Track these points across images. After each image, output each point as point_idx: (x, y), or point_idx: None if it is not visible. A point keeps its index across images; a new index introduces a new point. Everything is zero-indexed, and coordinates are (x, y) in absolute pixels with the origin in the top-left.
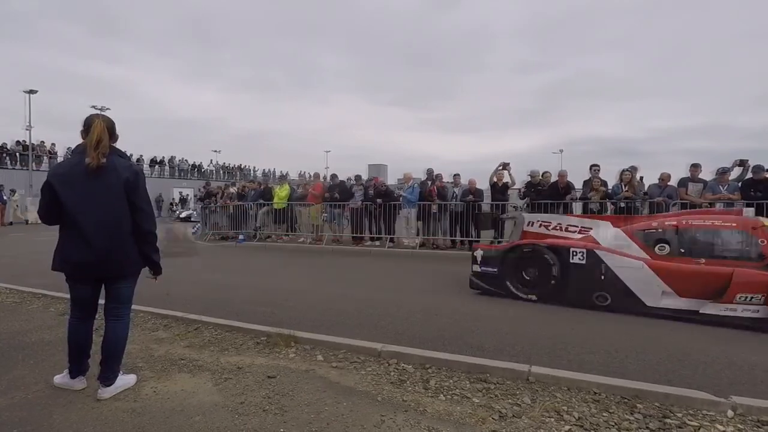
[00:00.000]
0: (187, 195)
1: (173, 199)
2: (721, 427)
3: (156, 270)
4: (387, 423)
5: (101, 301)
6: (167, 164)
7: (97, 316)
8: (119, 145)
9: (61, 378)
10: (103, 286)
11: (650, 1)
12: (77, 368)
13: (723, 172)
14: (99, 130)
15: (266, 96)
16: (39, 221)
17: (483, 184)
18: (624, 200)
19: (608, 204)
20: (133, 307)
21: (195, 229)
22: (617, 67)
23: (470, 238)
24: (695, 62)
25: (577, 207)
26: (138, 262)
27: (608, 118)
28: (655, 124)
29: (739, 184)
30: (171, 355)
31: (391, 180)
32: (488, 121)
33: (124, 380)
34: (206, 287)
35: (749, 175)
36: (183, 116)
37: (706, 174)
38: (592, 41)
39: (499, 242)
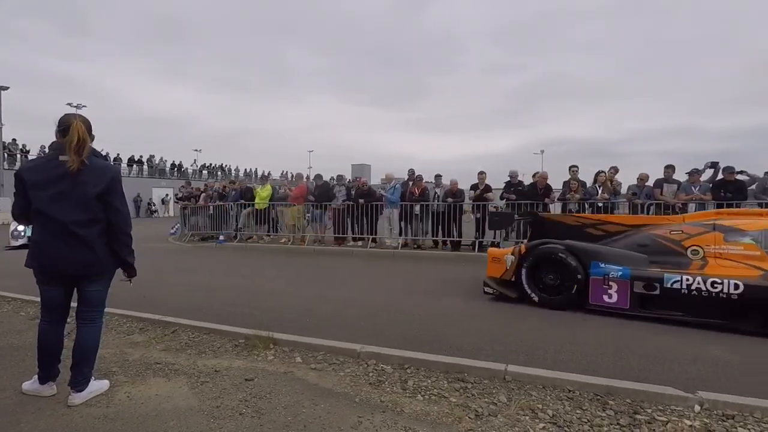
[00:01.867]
0: (167, 195)
1: (151, 199)
2: (688, 422)
3: (130, 272)
4: (364, 424)
5: (73, 305)
6: (146, 164)
7: (69, 320)
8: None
9: (29, 384)
10: (75, 289)
11: (619, 3)
12: (47, 374)
13: (694, 173)
14: (80, 131)
15: (243, 95)
16: (10, 221)
17: (464, 185)
18: (601, 201)
19: (586, 205)
20: (108, 310)
21: (174, 229)
22: (590, 68)
23: (452, 238)
24: (667, 64)
25: (556, 208)
26: (112, 263)
27: (584, 119)
28: (630, 126)
29: (710, 185)
30: (146, 359)
31: (375, 180)
32: (466, 122)
33: (97, 386)
34: (184, 289)
35: (720, 176)
36: (159, 115)
37: (681, 175)
38: (562, 43)
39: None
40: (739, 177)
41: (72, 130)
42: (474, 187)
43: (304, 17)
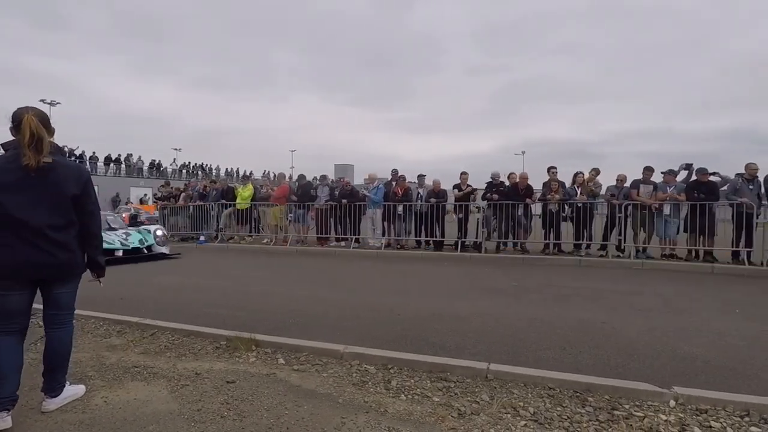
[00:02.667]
0: (145, 195)
1: (128, 199)
2: (663, 417)
3: (100, 272)
4: (348, 425)
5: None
6: (123, 162)
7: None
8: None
9: None
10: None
11: (594, 7)
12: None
13: (670, 174)
14: (33, 126)
15: (223, 93)
16: None
17: (447, 185)
18: (580, 202)
19: (565, 205)
20: (84, 312)
21: None
22: (568, 71)
23: (435, 239)
24: (642, 68)
25: (536, 208)
26: (81, 264)
27: (564, 120)
28: (608, 127)
29: (685, 185)
30: (124, 362)
31: (358, 180)
32: (448, 122)
33: (72, 391)
34: (164, 290)
35: (694, 177)
36: (137, 113)
37: (659, 176)
38: (541, 46)
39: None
40: (712, 178)
41: (23, 125)
42: (457, 187)
43: (286, 16)
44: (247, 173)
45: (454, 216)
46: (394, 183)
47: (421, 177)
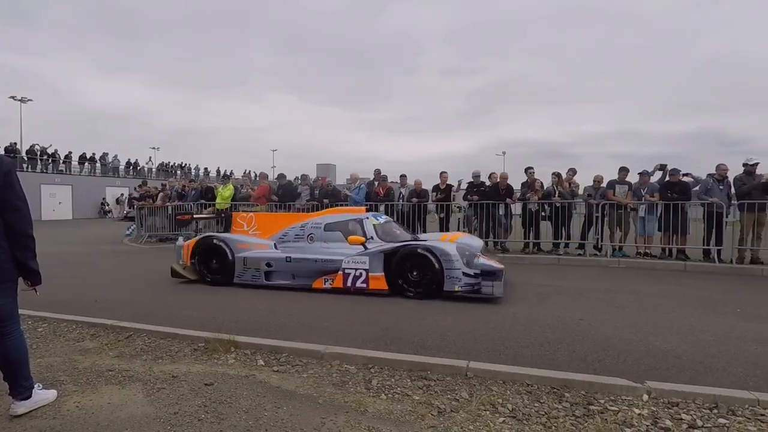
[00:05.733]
0: (122, 195)
1: (104, 199)
2: (637, 410)
3: (34, 280)
4: (327, 425)
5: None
6: (99, 162)
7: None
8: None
9: None
10: None
11: (565, 11)
12: None
13: (644, 175)
14: None
15: (199, 91)
16: None
17: (428, 185)
18: (558, 202)
19: (545, 205)
20: (56, 315)
21: (130, 230)
22: (540, 73)
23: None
24: (614, 70)
25: (516, 208)
26: (11, 270)
27: (541, 121)
28: (584, 129)
29: (659, 186)
30: (98, 366)
31: (341, 180)
32: (426, 123)
33: (42, 395)
34: (141, 292)
35: (668, 178)
36: (111, 111)
37: (634, 176)
38: (516, 47)
39: None
40: (685, 179)
41: None
42: (435, 188)
43: (258, 14)
44: (227, 172)
45: (436, 216)
46: (376, 183)
47: (402, 177)
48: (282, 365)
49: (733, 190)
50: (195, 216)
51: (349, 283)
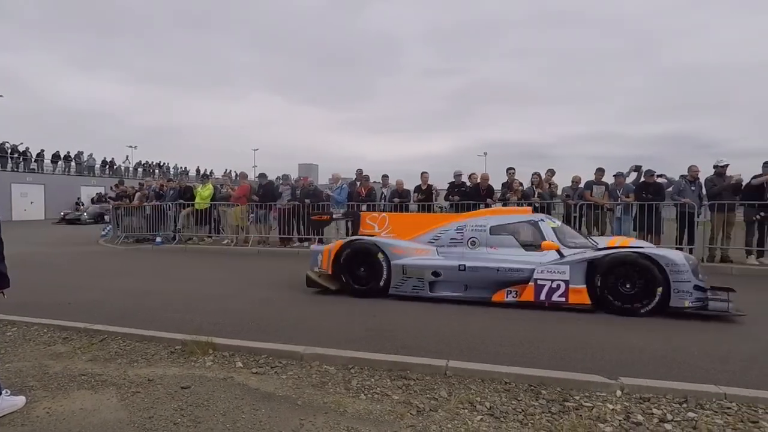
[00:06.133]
0: (97, 194)
1: (79, 198)
2: (610, 406)
3: (2, 283)
4: (306, 426)
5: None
6: (74, 161)
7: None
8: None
9: None
10: None
11: (543, 14)
12: None
13: (619, 176)
14: None
15: (176, 89)
16: None
17: (410, 185)
18: (538, 202)
19: (525, 204)
20: (26, 319)
21: (105, 231)
22: (519, 74)
23: None
24: (588, 73)
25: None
26: None
27: (520, 123)
28: (563, 130)
29: (634, 186)
30: (70, 371)
31: (323, 180)
32: (408, 123)
33: (10, 402)
34: (116, 294)
35: (642, 178)
36: (82, 108)
37: (609, 177)
38: (495, 49)
39: None
40: (659, 180)
41: None
42: (417, 188)
43: (235, 11)
44: (207, 172)
45: None
46: (358, 183)
47: (384, 177)
48: (261, 367)
49: (704, 191)
50: (334, 216)
51: (542, 297)
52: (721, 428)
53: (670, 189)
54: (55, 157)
